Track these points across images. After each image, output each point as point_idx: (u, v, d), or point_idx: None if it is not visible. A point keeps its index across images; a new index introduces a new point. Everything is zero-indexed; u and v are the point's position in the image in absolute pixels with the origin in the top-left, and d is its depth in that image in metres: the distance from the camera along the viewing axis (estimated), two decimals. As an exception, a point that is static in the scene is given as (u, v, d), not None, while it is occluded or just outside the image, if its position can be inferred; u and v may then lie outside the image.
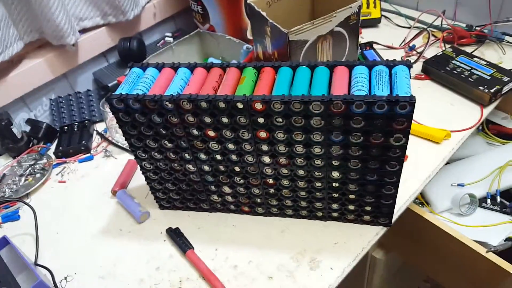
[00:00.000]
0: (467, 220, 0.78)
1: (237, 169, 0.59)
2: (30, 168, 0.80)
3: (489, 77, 0.78)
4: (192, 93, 0.52)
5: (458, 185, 0.81)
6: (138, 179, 0.75)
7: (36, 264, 0.62)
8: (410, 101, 0.45)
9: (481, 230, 0.75)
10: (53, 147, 0.85)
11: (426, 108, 0.78)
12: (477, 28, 0.91)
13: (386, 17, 1.05)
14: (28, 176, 0.79)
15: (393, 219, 0.61)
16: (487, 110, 0.77)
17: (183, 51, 0.91)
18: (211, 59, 0.92)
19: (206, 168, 0.60)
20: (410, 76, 0.51)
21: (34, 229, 0.67)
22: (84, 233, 0.68)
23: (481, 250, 0.67)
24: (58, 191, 0.76)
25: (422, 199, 0.81)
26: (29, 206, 0.70)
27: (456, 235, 0.70)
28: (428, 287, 1.28)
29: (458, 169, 0.85)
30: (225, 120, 0.53)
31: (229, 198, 0.64)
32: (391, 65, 0.52)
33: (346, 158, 0.53)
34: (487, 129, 0.91)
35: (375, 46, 0.93)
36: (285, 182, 0.59)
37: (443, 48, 0.89)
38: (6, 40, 0.79)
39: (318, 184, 0.58)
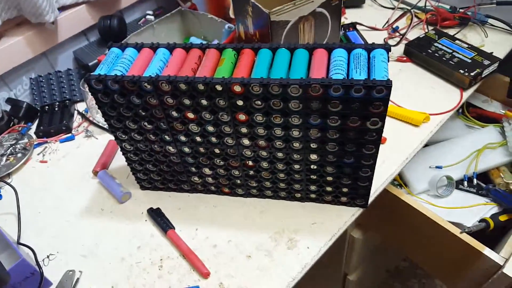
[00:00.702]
0: (444, 202, 0.80)
1: (217, 151, 0.60)
2: (11, 148, 0.79)
3: (470, 60, 0.79)
4: (171, 75, 0.52)
5: (436, 167, 0.83)
6: (119, 160, 0.75)
7: (18, 243, 0.62)
8: (387, 85, 0.46)
9: (457, 212, 0.78)
10: (34, 127, 0.84)
11: (406, 90, 0.79)
12: (460, 10, 0.91)
13: (370, -3, 1.04)
14: (9, 156, 0.78)
15: (370, 200, 0.63)
16: (466, 94, 0.78)
17: (164, 30, 0.89)
18: (192, 39, 0.91)
19: (186, 149, 0.61)
20: (388, 60, 0.51)
21: (15, 208, 0.68)
22: (66, 213, 0.68)
23: (456, 231, 0.69)
24: (39, 171, 0.76)
25: (400, 181, 0.83)
26: (11, 185, 0.69)
27: (432, 216, 0.72)
28: (406, 266, 1.33)
29: (437, 151, 0.87)
30: (204, 102, 0.53)
31: (210, 180, 0.65)
32: (370, 48, 0.52)
33: (324, 141, 0.54)
34: (467, 112, 0.92)
35: (358, 27, 0.93)
36: (264, 164, 0.60)
37: (426, 30, 0.90)
38: (-18, 17, 0.76)
39: (297, 166, 0.59)
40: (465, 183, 0.82)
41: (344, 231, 0.62)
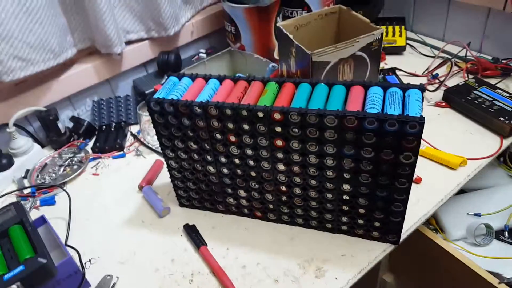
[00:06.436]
0: (482, 251, 0.77)
1: (253, 174, 0.63)
2: (69, 160, 0.88)
3: (511, 109, 0.79)
4: (219, 101, 0.58)
5: (475, 214, 0.81)
6: (163, 178, 0.81)
7: (66, 244, 0.68)
8: (420, 121, 0.48)
9: (496, 262, 0.75)
10: (91, 143, 0.93)
11: (444, 135, 0.80)
12: (503, 61, 0.92)
13: (411, 45, 1.08)
14: (67, 167, 0.87)
15: (402, 238, 0.63)
16: (507, 141, 0.77)
17: (215, 66, 0.98)
18: (238, 75, 0.99)
19: (225, 170, 0.65)
20: (422, 100, 0.53)
21: (67, 214, 0.74)
22: (111, 222, 0.73)
23: (494, 281, 0.66)
24: (91, 183, 0.83)
25: (436, 226, 0.82)
26: (66, 192, 0.77)
27: (468, 263, 0.70)
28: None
29: (476, 199, 0.85)
30: (246, 127, 0.57)
31: (244, 202, 0.68)
32: (405, 87, 0.55)
33: (357, 171, 0.56)
34: (509, 162, 0.90)
35: (398, 72, 0.96)
36: (297, 190, 0.62)
37: (466, 79, 0.91)
38: (63, 46, 0.89)
39: (329, 195, 0.61)
40: (506, 233, 0.78)
41: (376, 272, 0.61)
